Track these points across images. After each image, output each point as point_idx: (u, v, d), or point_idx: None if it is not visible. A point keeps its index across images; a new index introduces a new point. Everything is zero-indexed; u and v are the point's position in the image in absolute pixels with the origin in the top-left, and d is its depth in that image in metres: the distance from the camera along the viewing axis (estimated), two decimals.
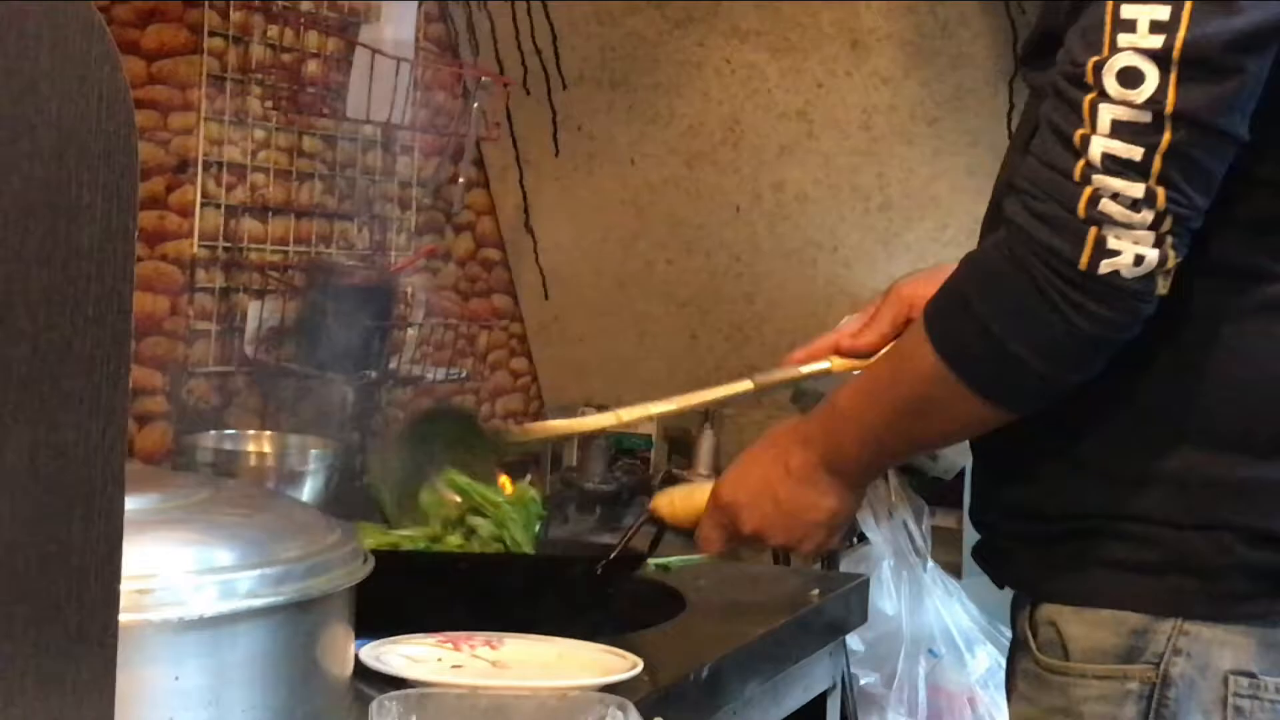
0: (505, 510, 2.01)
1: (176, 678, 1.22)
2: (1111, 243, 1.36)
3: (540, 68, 3.20)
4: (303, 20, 2.76)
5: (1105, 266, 1.37)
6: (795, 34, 3.05)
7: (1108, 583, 1.52)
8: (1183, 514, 1.49)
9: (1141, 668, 1.49)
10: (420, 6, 2.83)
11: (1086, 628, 1.52)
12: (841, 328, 1.85)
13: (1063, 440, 1.53)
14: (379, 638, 1.58)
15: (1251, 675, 1.48)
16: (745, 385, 1.91)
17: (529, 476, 2.27)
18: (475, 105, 2.99)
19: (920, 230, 3.09)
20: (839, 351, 1.83)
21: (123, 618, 0.95)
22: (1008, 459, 1.60)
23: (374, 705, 1.03)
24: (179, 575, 1.22)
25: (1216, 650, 1.48)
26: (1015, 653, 1.64)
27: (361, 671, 1.47)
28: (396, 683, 1.43)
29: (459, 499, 2.01)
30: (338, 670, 1.40)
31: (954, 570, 2.84)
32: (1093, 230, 1.36)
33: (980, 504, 1.68)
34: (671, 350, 3.38)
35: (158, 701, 1.21)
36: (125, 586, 0.95)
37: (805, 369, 1.84)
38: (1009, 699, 1.65)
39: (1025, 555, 1.60)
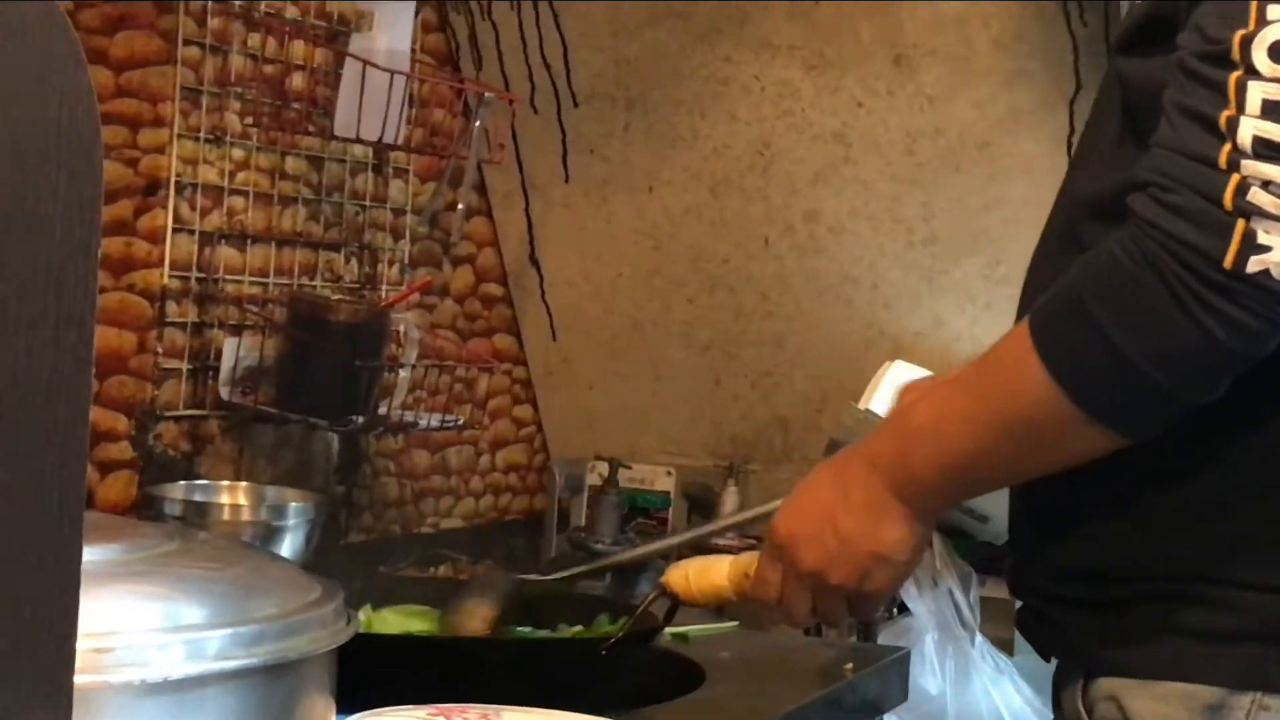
0: None
1: None
2: (1262, 237, 1.33)
3: (550, 84, 3.22)
4: (288, 29, 2.77)
5: (1254, 265, 1.34)
6: (832, 49, 3.07)
7: (1179, 652, 1.52)
8: (1264, 576, 1.49)
9: None
10: (418, 15, 2.84)
11: (1154, 703, 1.52)
12: None
13: (1128, 491, 1.53)
14: (365, 710, 1.58)
15: None
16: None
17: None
18: (477, 125, 3.00)
19: (969, 267, 3.10)
20: None
21: (78, 679, 0.95)
22: (1060, 512, 1.59)
23: None
24: (142, 633, 1.22)
25: None
26: None
27: None
28: None
29: None
30: None
31: (1005, 646, 2.83)
32: (1240, 223, 1.34)
33: (1024, 564, 1.68)
34: (692, 398, 3.39)
35: None
36: (82, 645, 0.95)
37: None
38: None
39: (1081, 622, 1.60)
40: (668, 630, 2.02)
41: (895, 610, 2.82)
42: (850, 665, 2.17)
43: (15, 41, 0.87)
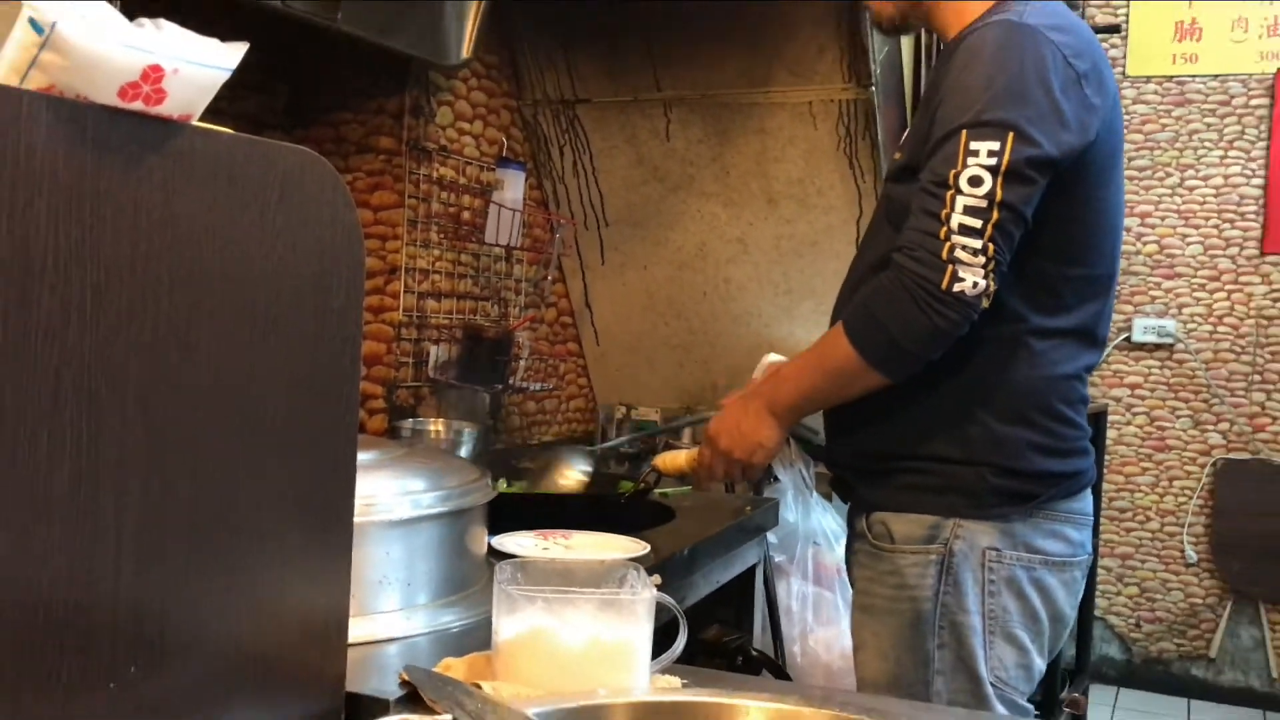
0: None
1: (387, 553, 1.22)
2: (960, 273, 1.37)
3: (594, 214, 3.22)
4: (460, 189, 2.77)
5: (957, 287, 1.37)
6: (736, 195, 3.06)
7: (916, 498, 1.53)
8: (960, 455, 1.50)
9: (937, 546, 1.50)
10: (526, 180, 2.85)
11: (902, 525, 1.53)
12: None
13: (881, 411, 1.54)
14: (501, 533, 1.59)
15: (997, 549, 1.49)
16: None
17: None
18: (557, 236, 3.01)
19: (806, 307, 3.10)
20: None
21: (356, 519, 0.96)
22: (847, 425, 1.60)
23: (497, 568, 1.03)
24: (388, 495, 1.23)
25: (977, 536, 1.49)
26: (853, 542, 1.64)
27: (491, 551, 1.48)
28: (511, 557, 1.43)
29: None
30: (477, 550, 1.40)
31: (827, 497, 2.83)
32: (950, 267, 1.37)
33: (832, 453, 1.68)
34: (667, 374, 3.38)
35: (376, 566, 1.21)
36: (358, 502, 0.96)
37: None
38: (850, 569, 1.66)
39: (862, 483, 1.61)
40: (656, 490, 2.02)
41: (773, 479, 2.81)
42: (749, 507, 2.17)
43: (318, 199, 0.88)
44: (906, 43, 2.95)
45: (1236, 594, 4.10)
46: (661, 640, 1.08)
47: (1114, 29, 4.13)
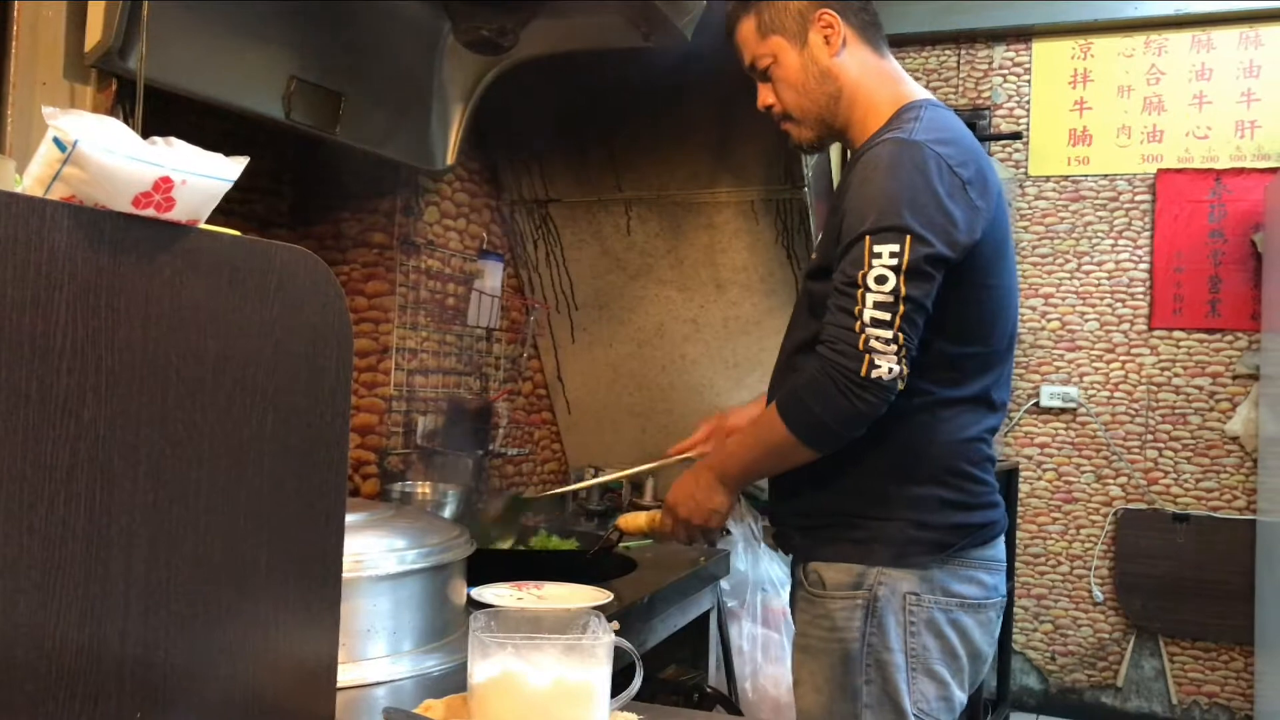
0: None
1: (374, 605, 1.21)
2: (877, 361, 1.37)
3: (565, 299, 3.24)
4: (445, 278, 2.78)
5: (874, 373, 1.38)
6: (689, 281, 3.09)
7: (845, 550, 1.52)
8: (880, 513, 1.50)
9: (863, 592, 1.49)
10: (504, 270, 2.86)
11: (835, 573, 1.52)
12: (695, 436, 1.84)
13: (814, 478, 1.54)
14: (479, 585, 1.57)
15: (916, 594, 1.48)
16: (655, 464, 1.92)
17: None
18: (532, 318, 3.02)
19: (754, 378, 3.12)
20: (691, 446, 1.82)
21: (347, 574, 0.95)
22: (790, 485, 1.60)
23: (472, 617, 1.02)
24: (376, 552, 1.21)
25: (899, 582, 1.49)
26: (795, 589, 1.63)
27: (470, 601, 1.46)
28: (487, 606, 1.42)
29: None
30: (457, 601, 1.39)
31: (774, 548, 2.83)
32: (867, 356, 1.38)
33: (774, 512, 1.68)
34: (631, 439, 3.38)
35: (365, 616, 1.20)
36: (349, 558, 0.95)
37: (681, 455, 1.83)
38: (792, 612, 1.64)
39: (799, 537, 1.60)
40: (620, 546, 2.01)
41: (727, 532, 2.81)
42: (703, 558, 2.17)
43: (311, 291, 0.89)
44: (835, 148, 3.02)
45: (1139, 629, 4.11)
46: (621, 680, 1.07)
47: (1017, 135, 4.24)
